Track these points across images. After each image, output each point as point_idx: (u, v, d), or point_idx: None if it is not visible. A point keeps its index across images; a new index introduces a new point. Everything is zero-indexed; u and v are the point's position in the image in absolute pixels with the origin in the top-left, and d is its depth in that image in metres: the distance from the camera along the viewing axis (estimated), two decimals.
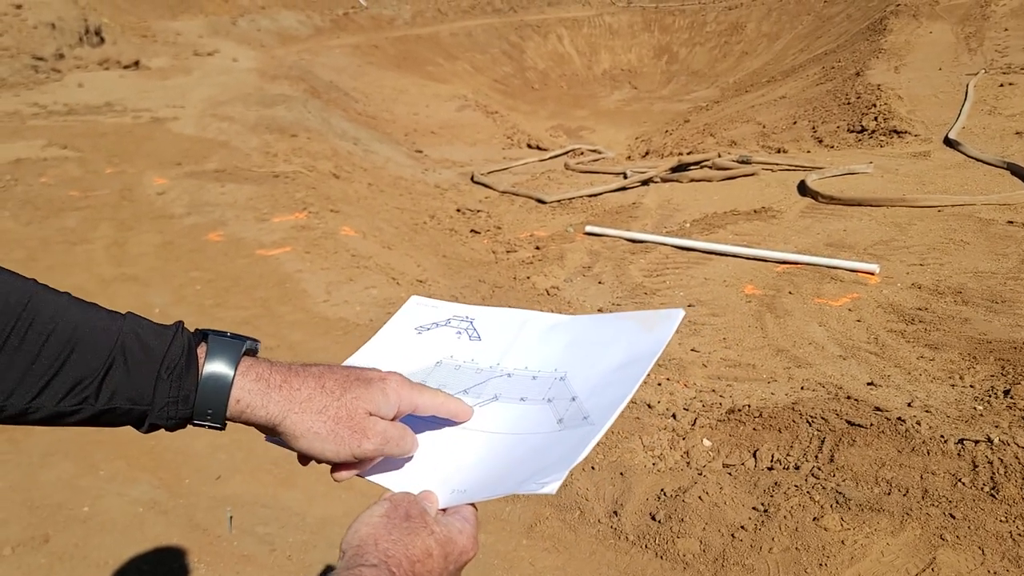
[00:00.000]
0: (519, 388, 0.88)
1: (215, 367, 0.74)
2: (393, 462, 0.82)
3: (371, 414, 0.76)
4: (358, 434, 0.76)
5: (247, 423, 0.77)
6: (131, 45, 14.29)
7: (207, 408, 0.74)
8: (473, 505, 0.77)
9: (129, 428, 0.77)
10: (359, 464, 0.79)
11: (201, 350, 0.75)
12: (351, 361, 0.96)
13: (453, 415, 0.85)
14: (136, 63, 12.69)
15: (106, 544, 2.55)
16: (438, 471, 0.81)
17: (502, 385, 0.90)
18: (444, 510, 0.77)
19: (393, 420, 0.79)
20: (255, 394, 0.75)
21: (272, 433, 0.78)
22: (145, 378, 0.72)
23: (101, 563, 2.47)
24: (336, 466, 0.79)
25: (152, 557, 2.51)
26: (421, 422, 0.85)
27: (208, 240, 5.32)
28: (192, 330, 0.78)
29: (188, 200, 6.16)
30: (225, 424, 0.76)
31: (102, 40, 14.19)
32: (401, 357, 0.96)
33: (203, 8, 20.56)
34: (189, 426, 0.77)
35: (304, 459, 0.80)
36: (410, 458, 0.83)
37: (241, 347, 0.76)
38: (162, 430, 0.76)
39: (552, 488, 0.70)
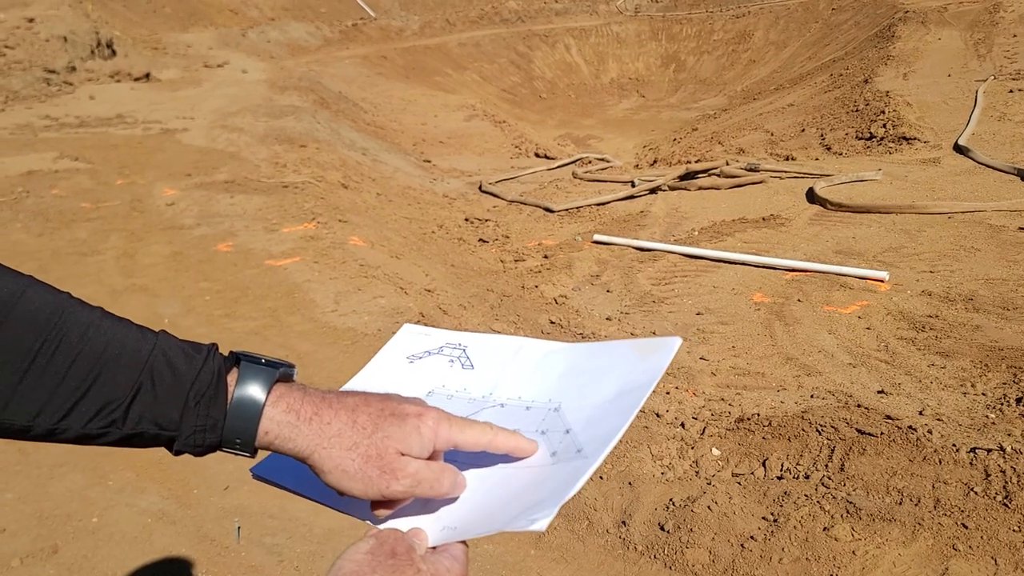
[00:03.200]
0: (512, 419, 0.86)
1: (245, 396, 0.72)
2: (432, 503, 0.79)
3: (403, 454, 0.73)
4: (387, 475, 0.72)
5: (277, 452, 0.75)
6: (142, 57, 14.40)
7: (235, 437, 0.73)
8: (464, 543, 0.75)
9: None
10: (393, 503, 0.76)
11: (232, 376, 0.74)
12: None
13: (511, 451, 0.79)
14: (147, 75, 12.78)
15: (115, 555, 2.55)
16: (428, 506, 0.79)
17: (495, 416, 0.87)
18: (434, 548, 0.74)
19: (431, 458, 0.76)
20: (284, 426, 0.73)
21: (303, 463, 0.75)
22: (173, 404, 0.71)
23: (110, 574, 2.47)
24: (374, 503, 0.76)
25: (161, 568, 2.52)
26: (477, 458, 0.82)
27: (217, 251, 5.34)
28: (226, 353, 0.76)
29: (198, 211, 6.19)
30: (255, 452, 0.75)
31: (114, 53, 14.31)
32: (392, 387, 0.94)
33: (213, 20, 20.71)
34: (238, 455, 0.75)
35: (340, 492, 0.77)
36: (453, 499, 0.79)
37: (274, 375, 0.74)
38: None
39: (542, 526, 0.68)
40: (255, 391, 0.73)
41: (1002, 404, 3.23)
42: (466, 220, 7.47)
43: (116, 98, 11.15)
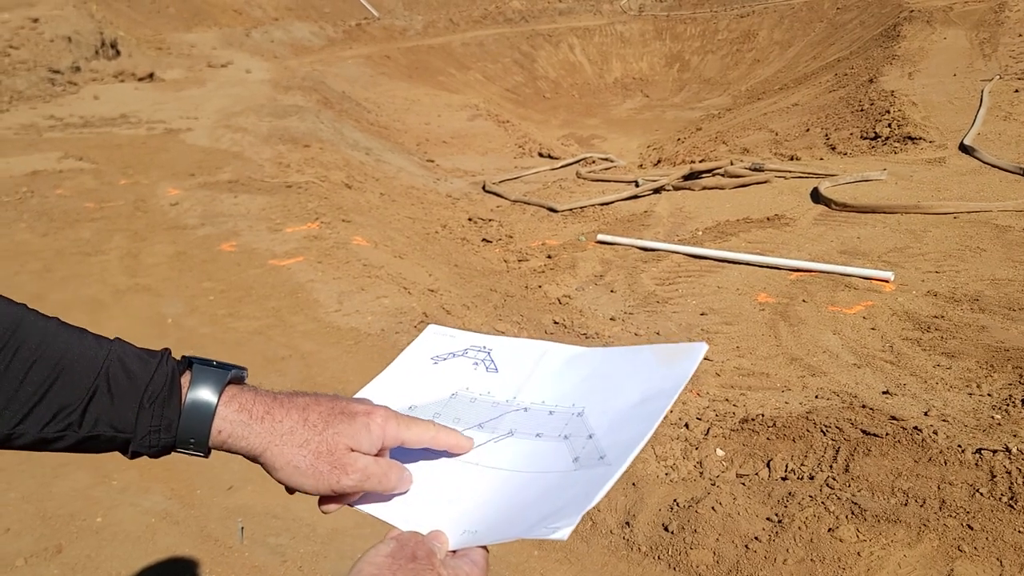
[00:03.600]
0: (535, 423, 0.86)
1: (198, 397, 0.75)
2: (381, 495, 0.81)
3: (352, 450, 0.76)
4: (337, 470, 0.75)
5: (230, 452, 0.77)
6: (146, 57, 14.42)
7: (189, 437, 0.75)
8: (484, 548, 0.75)
9: None
10: (341, 498, 0.79)
11: (185, 379, 0.76)
12: (366, 390, 0.94)
13: (450, 448, 0.83)
14: (151, 75, 12.80)
15: (119, 554, 2.55)
16: (450, 510, 0.79)
17: (518, 420, 0.88)
18: (454, 552, 0.74)
19: (379, 455, 0.79)
20: (237, 425, 0.75)
21: (254, 461, 0.78)
22: (128, 406, 0.72)
23: (114, 573, 2.47)
24: (322, 498, 0.79)
25: (164, 567, 2.52)
26: (420, 454, 0.84)
27: (221, 250, 5.34)
28: (179, 358, 0.78)
29: (201, 211, 6.19)
30: (209, 452, 0.76)
31: (118, 53, 14.33)
32: (416, 388, 0.95)
33: (217, 20, 20.74)
34: (174, 453, 0.77)
35: (290, 489, 0.79)
36: (401, 493, 0.81)
37: (225, 377, 0.76)
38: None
39: (563, 534, 0.68)
40: (208, 392, 0.75)
41: (1008, 405, 3.22)
42: (469, 220, 7.46)
43: (120, 98, 11.17)
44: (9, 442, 0.71)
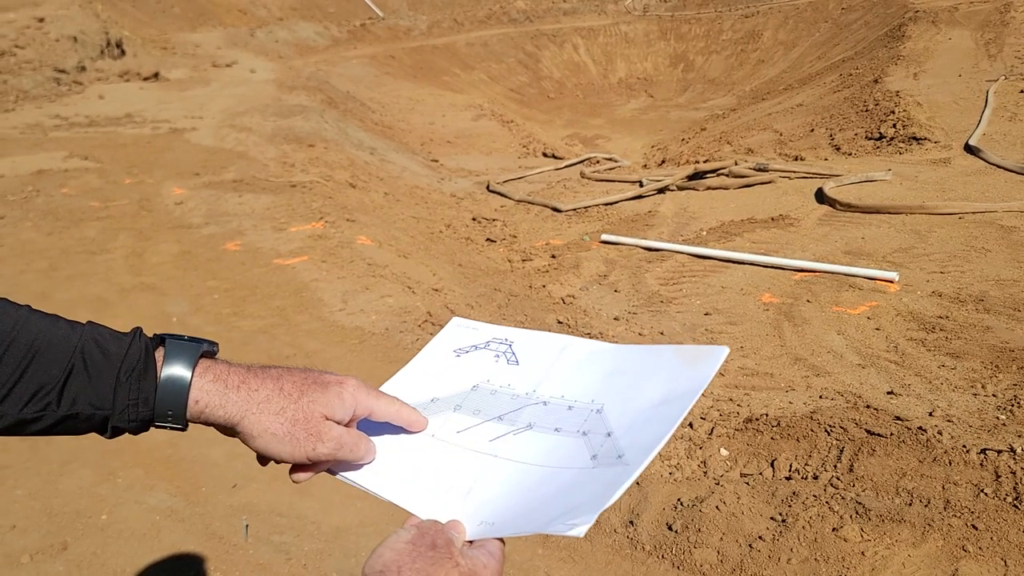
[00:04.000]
0: (554, 418, 0.87)
1: (173, 369, 0.76)
2: (351, 464, 0.83)
3: (327, 418, 0.78)
4: (313, 437, 0.77)
5: (207, 423, 0.79)
6: (151, 57, 14.44)
7: (167, 409, 0.76)
8: (501, 540, 0.76)
9: (146, 435, 0.78)
10: (314, 466, 0.81)
11: (159, 353, 0.77)
12: (391, 383, 0.96)
13: (407, 424, 0.86)
14: (156, 75, 12.81)
15: (124, 552, 2.56)
16: (468, 500, 0.80)
17: (537, 413, 0.88)
18: (471, 542, 0.76)
19: (350, 424, 0.81)
20: (213, 394, 0.76)
21: (231, 434, 0.80)
22: (105, 382, 0.74)
23: (119, 571, 2.48)
24: (294, 467, 0.81)
25: (169, 565, 2.52)
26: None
27: (226, 249, 5.35)
28: (151, 335, 0.80)
29: (206, 210, 6.20)
30: (187, 425, 0.78)
31: (123, 53, 14.35)
32: (439, 380, 0.96)
33: (221, 20, 20.76)
34: (171, 430, 0.79)
35: (263, 459, 0.81)
36: (368, 462, 0.84)
37: (198, 349, 0.78)
38: (126, 434, 0.78)
39: (580, 531, 0.69)
40: (182, 364, 0.77)
41: (1012, 405, 3.21)
42: (474, 220, 7.47)
43: (125, 97, 11.19)
44: None
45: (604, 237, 6.27)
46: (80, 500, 2.83)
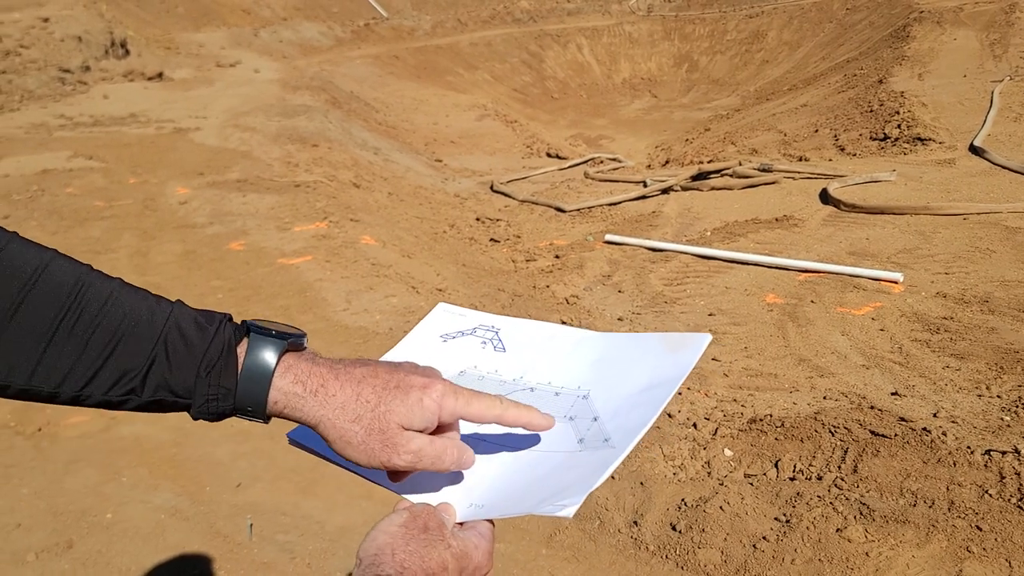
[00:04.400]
0: (541, 403, 0.87)
1: (254, 367, 0.75)
2: (460, 478, 0.80)
3: (405, 428, 0.74)
4: (388, 448, 0.74)
5: (288, 419, 0.77)
6: (155, 57, 14.47)
7: (247, 405, 0.75)
8: (490, 521, 0.77)
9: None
10: (401, 473, 0.78)
11: (242, 347, 0.76)
12: None
13: (525, 426, 0.79)
14: (160, 75, 12.84)
15: (129, 550, 2.57)
16: (458, 483, 0.80)
17: (524, 399, 0.88)
18: (461, 524, 0.76)
19: (440, 430, 0.77)
20: (291, 397, 0.75)
21: (313, 429, 0.78)
22: (186, 374, 0.73)
23: (124, 569, 2.49)
24: (389, 472, 0.79)
25: (173, 564, 2.53)
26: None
27: (230, 249, 5.36)
28: (239, 322, 0.79)
29: (210, 210, 6.21)
30: (269, 419, 0.77)
31: (127, 52, 14.38)
32: (424, 365, 0.96)
33: (225, 20, 20.79)
34: (238, 420, 0.78)
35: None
36: (461, 475, 0.80)
37: (282, 346, 0.76)
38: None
39: (569, 512, 0.69)
40: (264, 362, 0.75)
41: (1017, 406, 3.21)
42: (477, 220, 7.47)
43: (129, 97, 11.22)
44: (79, 402, 0.73)
45: (608, 237, 6.27)
46: (85, 499, 2.84)
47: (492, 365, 0.95)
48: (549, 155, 11.69)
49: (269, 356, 0.75)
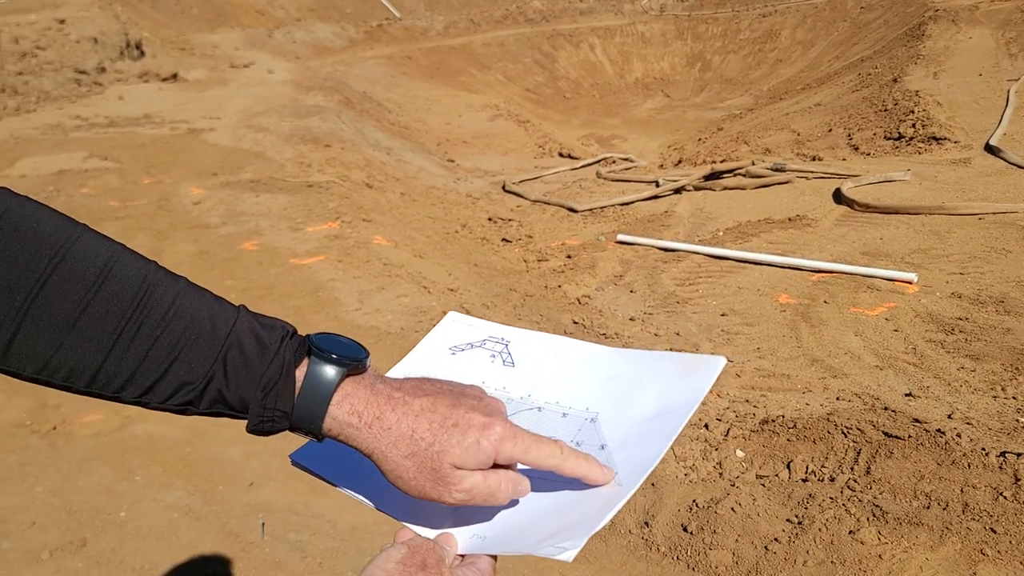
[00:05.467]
0: (549, 425, 0.85)
1: (310, 393, 0.74)
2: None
3: (458, 468, 0.73)
4: (440, 486, 0.73)
5: (341, 443, 0.76)
6: (170, 58, 14.56)
7: (301, 426, 0.74)
8: (493, 557, 0.75)
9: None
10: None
11: (301, 371, 0.74)
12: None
13: (583, 479, 0.76)
14: (174, 76, 12.92)
15: (142, 549, 2.59)
16: (460, 510, 0.78)
17: (532, 419, 0.87)
18: (463, 556, 0.74)
19: (493, 467, 0.75)
20: (346, 427, 0.74)
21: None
22: (243, 392, 0.73)
23: (137, 567, 2.50)
24: None
25: (186, 562, 2.54)
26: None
27: (243, 249, 5.39)
28: (301, 338, 0.77)
29: (224, 210, 6.25)
30: (323, 439, 0.76)
31: (142, 54, 14.48)
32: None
33: (240, 21, 20.90)
34: (240, 432, 0.77)
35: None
36: (515, 503, 0.78)
37: (342, 373, 0.74)
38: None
39: (569, 556, 0.68)
40: (322, 390, 0.74)
41: None
42: (489, 220, 7.48)
43: (144, 98, 11.29)
44: (141, 405, 0.73)
45: (620, 237, 6.26)
46: (99, 497, 2.86)
47: (500, 381, 0.93)
48: (561, 155, 11.69)
49: (328, 382, 0.74)
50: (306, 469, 0.85)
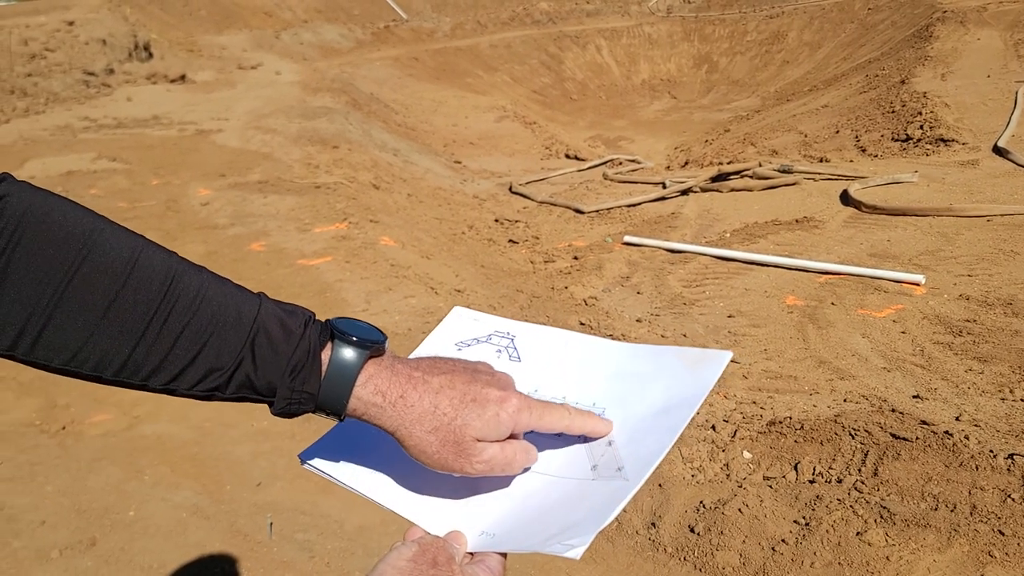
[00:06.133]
0: None
1: (336, 375, 0.77)
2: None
3: (478, 440, 0.77)
4: (462, 458, 0.77)
5: (365, 422, 0.80)
6: (178, 60, 14.61)
7: (326, 407, 0.77)
8: (503, 554, 0.76)
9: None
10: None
11: (325, 354, 0.77)
12: None
13: (588, 433, 0.83)
14: (182, 77, 12.97)
15: (150, 548, 2.60)
16: (468, 506, 0.80)
17: None
18: (472, 554, 0.76)
19: (510, 438, 0.79)
20: (371, 407, 0.77)
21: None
22: (271, 376, 0.75)
23: (146, 567, 2.52)
24: None
25: (194, 561, 2.56)
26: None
27: (251, 250, 5.40)
28: (322, 323, 0.80)
29: (231, 211, 6.27)
30: (344, 419, 0.79)
31: (150, 55, 14.54)
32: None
33: (247, 23, 20.95)
34: (257, 420, 0.79)
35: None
36: (526, 469, 0.82)
37: (364, 356, 0.78)
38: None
39: (577, 553, 0.69)
40: (347, 371, 0.77)
41: None
42: (496, 221, 7.48)
43: (152, 100, 11.34)
44: (169, 393, 0.75)
45: (627, 239, 6.26)
46: (108, 497, 2.87)
47: None
48: (568, 156, 11.69)
49: (352, 364, 0.77)
50: (316, 469, 0.85)
